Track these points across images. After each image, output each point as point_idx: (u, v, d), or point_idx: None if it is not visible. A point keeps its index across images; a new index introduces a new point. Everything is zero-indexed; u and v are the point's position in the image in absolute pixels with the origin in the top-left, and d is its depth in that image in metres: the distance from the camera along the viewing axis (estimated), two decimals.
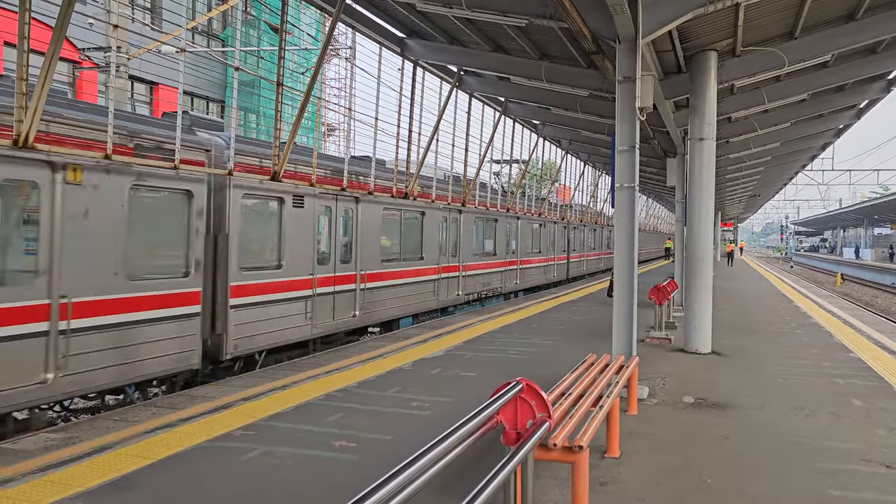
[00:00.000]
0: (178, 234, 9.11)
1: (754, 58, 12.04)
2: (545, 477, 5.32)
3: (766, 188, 45.89)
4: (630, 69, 8.50)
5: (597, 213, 38.18)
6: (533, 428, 3.76)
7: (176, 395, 8.15)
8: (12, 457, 5.71)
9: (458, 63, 16.14)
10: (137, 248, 8.41)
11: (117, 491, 5.00)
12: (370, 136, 16.69)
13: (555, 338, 12.58)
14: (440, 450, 2.82)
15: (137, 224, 8.36)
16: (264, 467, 5.55)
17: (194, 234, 9.23)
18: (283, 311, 10.99)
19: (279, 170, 10.92)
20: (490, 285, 20.93)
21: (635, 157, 8.53)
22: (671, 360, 10.66)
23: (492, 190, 22.55)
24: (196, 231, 9.24)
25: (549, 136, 25.83)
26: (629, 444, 6.30)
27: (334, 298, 12.48)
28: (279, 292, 10.94)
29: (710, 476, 5.57)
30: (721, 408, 7.79)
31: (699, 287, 11.51)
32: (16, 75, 7.06)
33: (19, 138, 7.00)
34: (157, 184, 8.66)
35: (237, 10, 25.71)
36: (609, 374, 6.18)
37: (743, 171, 27.99)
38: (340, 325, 12.62)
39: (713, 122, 11.53)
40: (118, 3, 10.87)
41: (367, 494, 2.22)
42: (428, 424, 6.84)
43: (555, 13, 10.18)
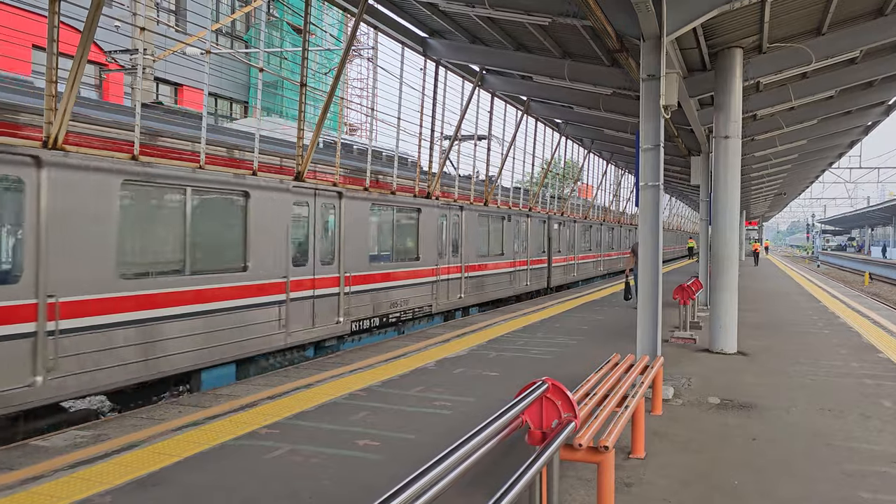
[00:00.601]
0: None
1: (781, 54, 11.89)
2: (570, 477, 5.30)
3: (792, 186, 45.29)
4: (654, 67, 8.43)
5: (600, 206, 33.21)
6: (558, 428, 3.74)
7: (201, 394, 8.23)
8: (43, 454, 5.80)
9: (480, 62, 16.12)
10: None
11: (146, 488, 5.06)
12: (392, 135, 16.72)
13: (578, 337, 12.52)
14: (467, 449, 2.82)
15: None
16: (290, 465, 5.59)
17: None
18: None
19: (303, 170, 10.98)
20: (404, 304, 14.90)
21: (660, 156, 8.47)
22: (696, 361, 10.57)
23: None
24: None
25: (571, 135, 25.72)
26: (654, 445, 6.26)
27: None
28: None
29: (738, 478, 5.51)
30: (748, 409, 7.71)
31: (725, 286, 11.40)
32: (45, 78, 7.18)
33: (49, 139, 7.11)
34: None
35: (260, 12, 25.91)
36: (634, 375, 6.14)
37: (768, 170, 27.65)
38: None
39: (738, 119, 11.41)
40: (144, 5, 11.01)
41: (396, 493, 2.22)
42: (451, 424, 6.84)
43: (578, 11, 10.13)
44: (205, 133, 9.25)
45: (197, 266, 9.32)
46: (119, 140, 8.21)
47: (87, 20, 7.38)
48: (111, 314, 7.99)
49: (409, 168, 15.85)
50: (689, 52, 12.03)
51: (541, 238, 24.09)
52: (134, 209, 8.53)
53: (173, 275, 8.95)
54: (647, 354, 7.83)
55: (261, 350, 10.38)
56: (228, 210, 10.11)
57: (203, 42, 15.78)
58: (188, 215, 9.12)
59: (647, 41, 8.50)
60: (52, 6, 7.20)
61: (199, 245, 9.43)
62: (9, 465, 5.49)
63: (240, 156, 10.26)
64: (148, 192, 8.70)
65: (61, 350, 7.43)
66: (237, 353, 9.90)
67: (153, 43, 14.92)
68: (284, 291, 10.86)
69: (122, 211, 8.19)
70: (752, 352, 11.32)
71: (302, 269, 11.39)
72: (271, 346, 10.58)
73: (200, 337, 9.22)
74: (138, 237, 8.62)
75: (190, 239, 9.21)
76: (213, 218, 9.95)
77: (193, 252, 9.25)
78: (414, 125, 15.55)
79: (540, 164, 24.18)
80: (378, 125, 39.48)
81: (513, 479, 3.01)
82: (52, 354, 7.31)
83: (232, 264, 9.99)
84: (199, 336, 9.19)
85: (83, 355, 7.68)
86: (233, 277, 9.84)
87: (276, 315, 10.64)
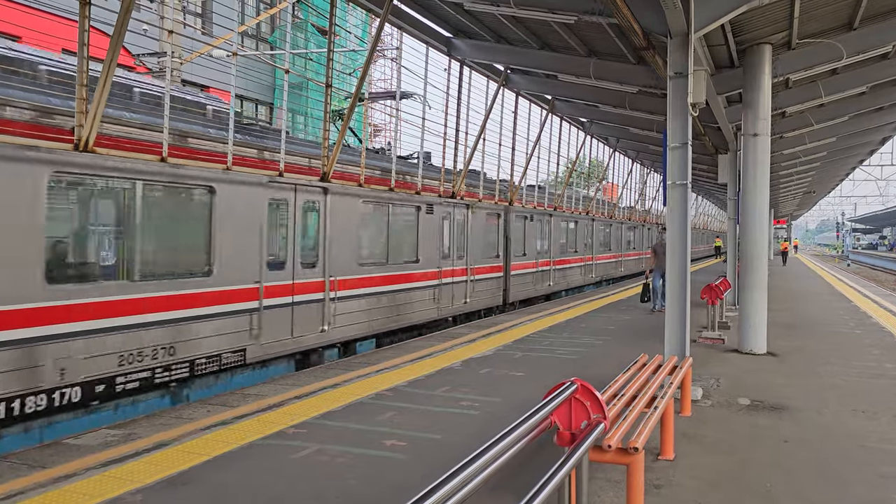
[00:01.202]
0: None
1: (810, 50, 11.70)
2: (598, 478, 5.25)
3: (822, 184, 44.60)
4: (682, 65, 8.35)
5: (596, 199, 28.60)
6: (588, 429, 3.71)
7: (229, 394, 8.29)
8: (75, 452, 5.88)
9: (504, 61, 16.09)
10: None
11: (175, 486, 5.11)
12: (417, 136, 16.70)
13: (604, 338, 12.43)
14: (497, 450, 2.81)
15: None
16: (316, 465, 5.60)
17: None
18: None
19: (328, 170, 11.03)
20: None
21: (688, 154, 8.38)
22: (725, 361, 10.44)
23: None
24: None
25: (596, 134, 25.58)
26: (684, 447, 6.19)
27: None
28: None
29: (769, 480, 5.43)
30: (778, 410, 7.59)
31: (754, 286, 11.25)
32: (76, 81, 7.28)
33: (80, 142, 7.21)
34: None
35: (286, 14, 26.08)
36: (662, 375, 6.08)
37: (797, 167, 27.24)
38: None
39: (767, 117, 11.25)
40: (172, 9, 11.13)
41: (428, 494, 2.21)
42: (478, 424, 6.83)
43: (604, 9, 10.07)
44: (232, 134, 9.31)
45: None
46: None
47: (116, 24, 7.48)
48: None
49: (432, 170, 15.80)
50: (716, 49, 11.89)
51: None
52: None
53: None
54: (675, 355, 7.76)
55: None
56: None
57: (229, 44, 15.91)
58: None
59: (674, 38, 8.41)
60: (82, 10, 7.30)
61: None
62: (41, 464, 5.57)
63: (270, 157, 10.27)
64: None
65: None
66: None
67: (181, 46, 15.09)
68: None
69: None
70: (782, 352, 11.16)
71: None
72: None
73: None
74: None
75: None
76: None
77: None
78: (439, 125, 15.55)
79: (564, 164, 24.07)
80: (402, 125, 39.61)
81: (542, 480, 2.99)
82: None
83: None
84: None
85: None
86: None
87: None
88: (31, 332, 6.89)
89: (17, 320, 6.77)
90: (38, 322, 6.93)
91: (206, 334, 8.88)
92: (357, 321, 11.93)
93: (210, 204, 8.99)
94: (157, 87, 9.60)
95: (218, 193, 9.03)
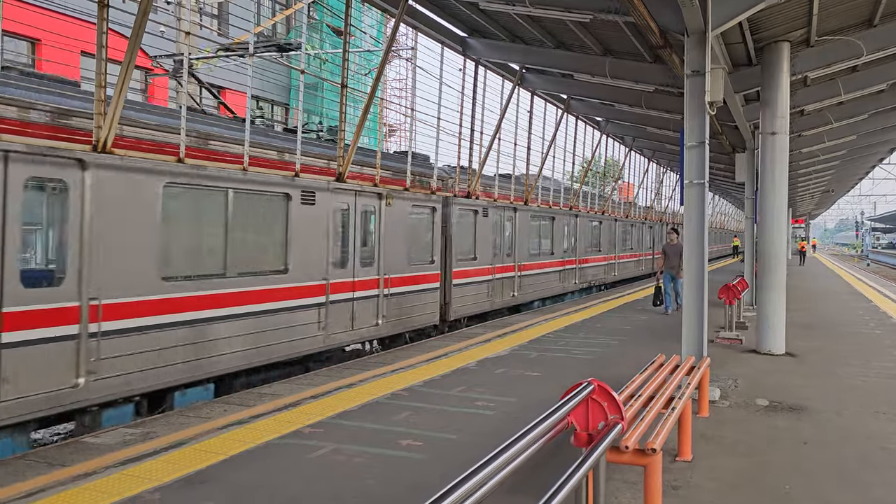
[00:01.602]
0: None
1: (830, 48, 11.58)
2: (616, 479, 5.22)
3: (841, 183, 44.17)
4: (699, 63, 8.28)
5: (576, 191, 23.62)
6: (605, 430, 3.69)
7: (247, 393, 8.33)
8: (94, 451, 5.93)
9: (520, 61, 16.05)
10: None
11: (193, 485, 5.14)
12: (432, 135, 16.72)
13: (620, 338, 12.37)
14: (514, 450, 2.80)
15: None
16: (333, 465, 5.62)
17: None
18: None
19: (344, 171, 11.05)
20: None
21: (705, 153, 8.31)
22: (743, 362, 10.36)
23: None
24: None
25: (612, 133, 25.47)
26: (701, 448, 6.14)
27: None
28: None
29: (788, 482, 5.37)
30: (797, 411, 7.52)
31: (772, 285, 11.15)
32: (95, 83, 7.34)
33: (98, 144, 7.27)
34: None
35: (301, 14, 26.16)
36: (679, 376, 6.03)
37: (816, 166, 26.98)
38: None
39: (786, 115, 11.15)
40: (189, 10, 11.21)
41: (445, 494, 2.21)
42: (494, 424, 6.81)
43: (620, 7, 10.02)
44: (248, 136, 9.34)
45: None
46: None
47: (134, 26, 7.52)
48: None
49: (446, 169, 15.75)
50: (734, 47, 11.80)
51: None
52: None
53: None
54: (692, 355, 7.69)
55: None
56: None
57: (245, 45, 15.98)
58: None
59: (691, 36, 8.35)
60: (100, 13, 7.36)
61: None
62: (61, 462, 5.62)
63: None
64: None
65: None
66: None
67: (197, 47, 15.18)
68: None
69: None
70: (800, 353, 11.05)
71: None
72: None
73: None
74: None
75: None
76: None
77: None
78: (454, 125, 15.54)
79: (580, 163, 23.98)
80: (417, 125, 39.66)
81: (560, 481, 2.97)
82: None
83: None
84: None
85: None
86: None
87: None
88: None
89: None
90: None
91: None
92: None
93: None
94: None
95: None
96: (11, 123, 6.70)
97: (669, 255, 16.22)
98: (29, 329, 6.71)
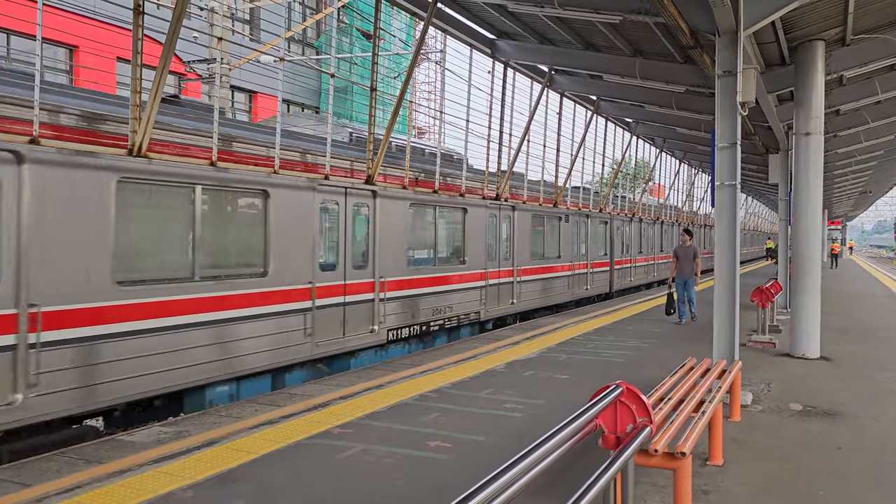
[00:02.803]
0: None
1: (866, 46, 11.36)
2: (644, 483, 5.19)
3: (879, 184, 43.16)
4: (731, 63, 8.19)
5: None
6: (633, 433, 3.68)
7: (277, 393, 8.43)
8: (129, 448, 6.05)
9: (548, 63, 16.01)
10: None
11: (225, 483, 5.21)
12: (460, 137, 16.71)
13: (650, 341, 12.27)
14: (541, 452, 2.81)
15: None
16: (362, 465, 5.66)
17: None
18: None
19: (373, 173, 11.12)
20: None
21: (737, 154, 8.22)
22: (776, 365, 10.20)
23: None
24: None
25: (642, 135, 25.28)
26: (733, 452, 6.07)
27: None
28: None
29: (823, 488, 5.29)
30: (832, 416, 7.39)
31: (806, 288, 10.97)
32: (130, 88, 7.49)
33: (133, 148, 7.42)
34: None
35: (331, 19, 26.41)
36: (710, 379, 5.97)
37: (852, 167, 26.45)
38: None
39: (820, 115, 10.96)
40: (221, 16, 11.39)
41: (471, 495, 2.22)
42: (522, 427, 6.81)
43: (650, 8, 9.95)
44: (279, 138, 9.45)
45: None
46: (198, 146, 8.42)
47: (168, 33, 7.67)
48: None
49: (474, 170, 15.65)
50: (766, 47, 11.64)
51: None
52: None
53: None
54: (723, 358, 7.62)
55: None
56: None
57: (276, 50, 16.18)
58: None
59: (722, 36, 8.26)
60: (136, 20, 7.51)
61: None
62: (98, 459, 5.75)
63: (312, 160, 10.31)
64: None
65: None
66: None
67: (229, 52, 15.40)
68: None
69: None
70: (835, 357, 10.85)
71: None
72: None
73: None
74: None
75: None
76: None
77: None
78: (483, 127, 15.55)
79: (610, 165, 23.82)
80: (446, 128, 39.72)
81: (587, 483, 2.97)
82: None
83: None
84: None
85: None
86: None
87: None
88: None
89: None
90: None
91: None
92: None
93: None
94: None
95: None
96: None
97: (681, 259, 14.90)
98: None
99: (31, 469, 5.54)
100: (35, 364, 6.49)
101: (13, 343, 6.37)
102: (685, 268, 14.79)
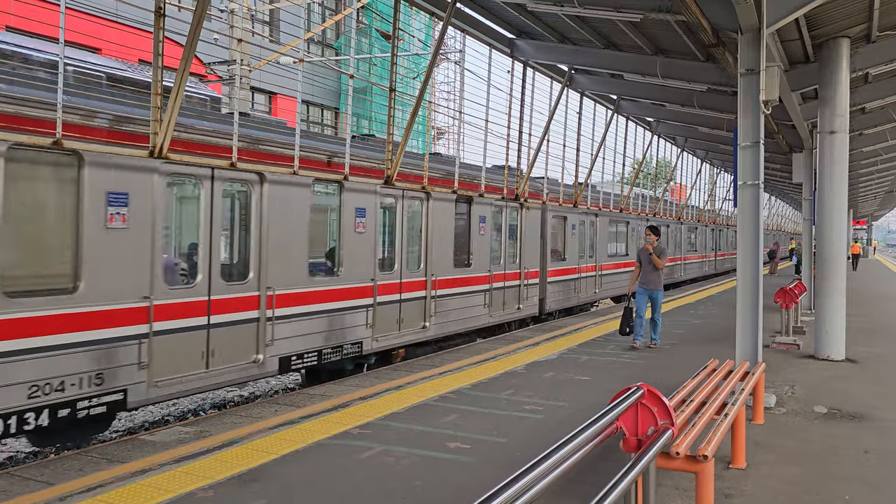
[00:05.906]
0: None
1: (892, 43, 11.19)
2: (666, 486, 5.13)
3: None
4: (753, 61, 8.09)
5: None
6: (655, 435, 3.63)
7: (296, 394, 8.46)
8: (151, 448, 6.09)
9: (568, 62, 15.94)
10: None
11: (245, 483, 5.23)
12: (479, 138, 16.64)
13: (672, 341, 12.15)
14: (562, 454, 2.78)
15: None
16: (382, 466, 5.65)
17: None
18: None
19: (392, 173, 11.12)
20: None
21: (760, 153, 8.12)
22: (800, 367, 10.06)
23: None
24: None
25: (663, 134, 25.09)
26: (756, 455, 5.99)
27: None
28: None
29: (849, 493, 5.20)
30: (858, 419, 7.27)
31: (831, 289, 10.80)
32: (151, 90, 7.54)
33: (154, 149, 7.47)
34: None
35: (350, 20, 26.45)
36: (733, 381, 5.89)
37: (878, 165, 26.08)
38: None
39: (845, 113, 10.80)
40: (241, 18, 11.45)
41: (491, 497, 2.20)
42: (542, 428, 6.76)
43: (671, 6, 9.86)
44: (298, 140, 9.47)
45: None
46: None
47: (189, 34, 7.71)
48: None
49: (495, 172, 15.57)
50: (790, 44, 11.49)
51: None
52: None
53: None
54: (747, 360, 7.52)
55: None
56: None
57: (296, 51, 16.24)
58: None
59: (745, 34, 8.16)
60: (157, 22, 7.56)
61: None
62: (120, 458, 5.79)
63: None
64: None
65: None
66: None
67: (249, 54, 15.48)
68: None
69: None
70: (861, 359, 10.69)
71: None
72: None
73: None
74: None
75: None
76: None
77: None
78: (502, 127, 15.50)
79: (631, 164, 23.66)
80: (465, 128, 39.61)
81: (608, 486, 2.93)
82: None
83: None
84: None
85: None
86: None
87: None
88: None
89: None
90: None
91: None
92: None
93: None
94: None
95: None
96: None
97: (644, 265, 11.56)
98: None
99: (54, 468, 5.59)
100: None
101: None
102: (651, 277, 11.58)
